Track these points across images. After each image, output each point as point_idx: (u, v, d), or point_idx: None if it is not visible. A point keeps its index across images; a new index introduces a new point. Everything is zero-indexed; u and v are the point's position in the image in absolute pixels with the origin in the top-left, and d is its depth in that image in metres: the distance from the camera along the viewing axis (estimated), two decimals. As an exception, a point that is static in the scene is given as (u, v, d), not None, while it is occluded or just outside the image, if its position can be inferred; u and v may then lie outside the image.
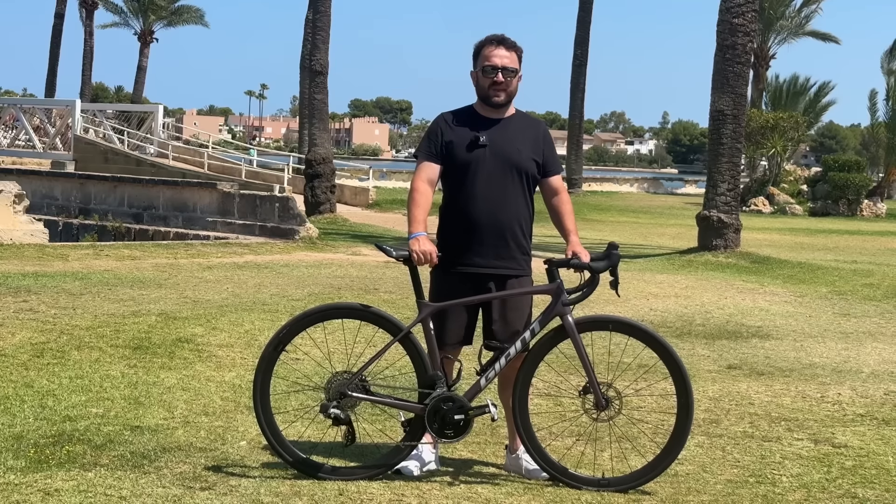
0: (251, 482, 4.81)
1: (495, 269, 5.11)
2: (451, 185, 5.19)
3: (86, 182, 24.64)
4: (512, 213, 5.13)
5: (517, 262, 5.16)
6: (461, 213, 5.13)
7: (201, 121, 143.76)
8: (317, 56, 26.17)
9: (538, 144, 5.22)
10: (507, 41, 5.18)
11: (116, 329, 8.46)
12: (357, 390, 4.97)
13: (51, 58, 55.88)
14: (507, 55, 5.14)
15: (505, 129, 5.18)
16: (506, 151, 5.13)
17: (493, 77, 5.11)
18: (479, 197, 5.10)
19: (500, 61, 5.12)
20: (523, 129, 5.23)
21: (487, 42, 5.18)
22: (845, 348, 9.16)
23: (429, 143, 5.20)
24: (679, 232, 24.28)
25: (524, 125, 5.25)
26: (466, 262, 5.10)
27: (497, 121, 5.19)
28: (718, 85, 17.62)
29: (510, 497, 4.80)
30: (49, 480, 4.70)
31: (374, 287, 11.98)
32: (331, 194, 26.18)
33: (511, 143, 5.15)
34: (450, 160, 5.16)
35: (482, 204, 5.10)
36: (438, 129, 5.22)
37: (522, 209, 5.17)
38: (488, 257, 5.11)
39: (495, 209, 5.10)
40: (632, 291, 12.01)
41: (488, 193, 5.10)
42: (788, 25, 48.97)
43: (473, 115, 5.22)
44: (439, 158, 5.17)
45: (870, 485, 5.22)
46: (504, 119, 5.21)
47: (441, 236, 5.21)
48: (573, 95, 40.89)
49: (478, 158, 5.12)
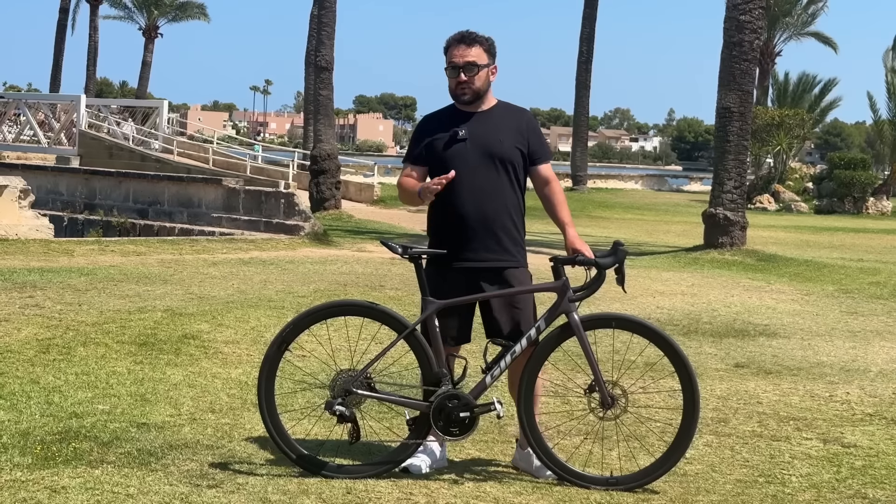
0: (259, 480, 4.79)
1: (487, 263, 5.09)
2: None
3: (91, 177, 24.64)
4: (499, 205, 5.10)
5: (510, 254, 5.12)
6: (449, 209, 5.10)
7: (206, 116, 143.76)
8: (322, 52, 26.13)
9: (522, 133, 5.18)
10: (467, 37, 5.14)
11: (122, 325, 8.44)
12: (362, 388, 4.95)
13: (55, 53, 55.89)
14: (468, 52, 5.11)
15: (485, 120, 5.16)
16: (487, 143, 5.10)
17: (457, 77, 5.10)
18: (464, 191, 5.07)
19: (462, 59, 5.10)
20: (505, 118, 5.19)
21: (450, 41, 5.18)
22: (853, 347, 9.13)
23: (411, 148, 5.26)
24: (685, 229, 24.24)
25: (506, 114, 5.21)
26: (459, 258, 5.08)
27: (476, 113, 5.17)
28: (725, 82, 17.58)
29: (519, 496, 4.78)
30: (56, 477, 4.68)
31: (379, 284, 11.96)
32: (336, 190, 26.17)
33: (492, 133, 5.12)
34: (433, 159, 5.15)
35: (468, 197, 5.07)
36: (420, 131, 5.26)
37: (511, 200, 5.14)
38: (479, 251, 5.08)
39: (481, 202, 5.07)
40: (638, 289, 11.98)
41: (473, 187, 5.07)
42: (794, 23, 48.90)
43: (453, 111, 5.21)
44: (422, 160, 5.18)
45: (880, 485, 5.20)
46: (484, 111, 5.18)
47: (431, 234, 5.20)
48: (578, 92, 40.85)
49: (458, 153, 5.10)
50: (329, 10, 26.02)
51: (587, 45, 39.96)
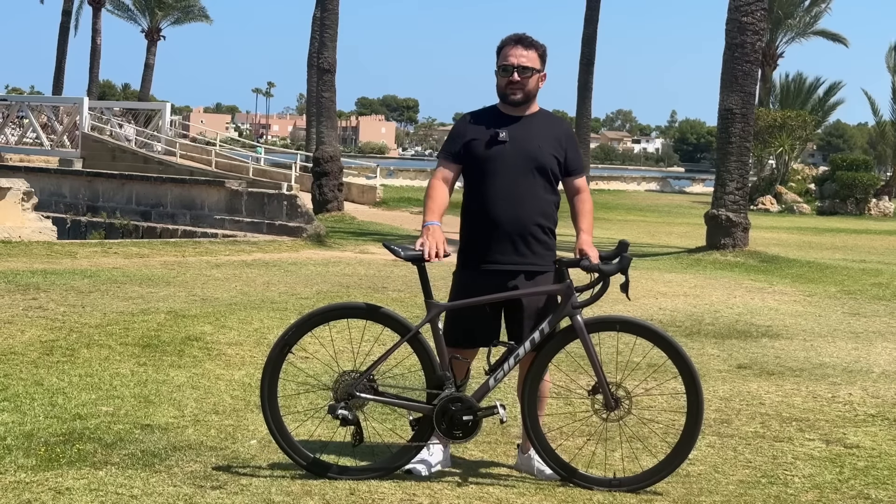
0: (262, 481, 4.80)
1: (516, 266, 5.08)
2: (471, 183, 5.17)
3: (94, 180, 24.68)
4: (533, 210, 5.10)
5: (541, 258, 5.12)
6: (482, 210, 5.11)
7: (208, 119, 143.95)
8: (325, 54, 26.16)
9: (560, 142, 5.19)
10: (525, 40, 5.17)
11: (125, 327, 8.46)
12: (365, 391, 4.95)
13: (58, 55, 55.87)
14: (524, 54, 5.13)
15: (527, 126, 5.16)
16: (526, 148, 5.11)
17: (509, 76, 5.11)
18: (499, 193, 5.08)
19: (517, 60, 5.11)
20: (546, 126, 5.20)
21: (507, 41, 5.18)
22: (855, 348, 9.13)
23: (449, 144, 5.22)
24: (687, 231, 24.24)
25: (547, 123, 5.23)
26: (489, 260, 5.08)
27: (518, 118, 5.17)
28: (727, 84, 17.58)
29: (522, 497, 4.78)
30: (60, 479, 4.69)
31: (382, 286, 11.97)
32: (338, 192, 26.19)
33: (532, 139, 5.13)
34: (470, 158, 5.14)
35: (502, 200, 5.08)
36: (459, 128, 5.23)
37: (545, 206, 5.14)
38: (509, 254, 5.08)
39: (516, 205, 5.07)
40: (641, 290, 11.98)
41: (509, 190, 5.08)
42: (797, 24, 48.88)
43: (496, 113, 5.21)
44: (458, 158, 5.16)
45: (882, 486, 5.20)
46: (526, 116, 5.19)
47: (463, 234, 5.19)
48: (580, 94, 40.73)
49: (498, 155, 5.10)
50: (331, 12, 26.05)
51: (589, 47, 39.87)
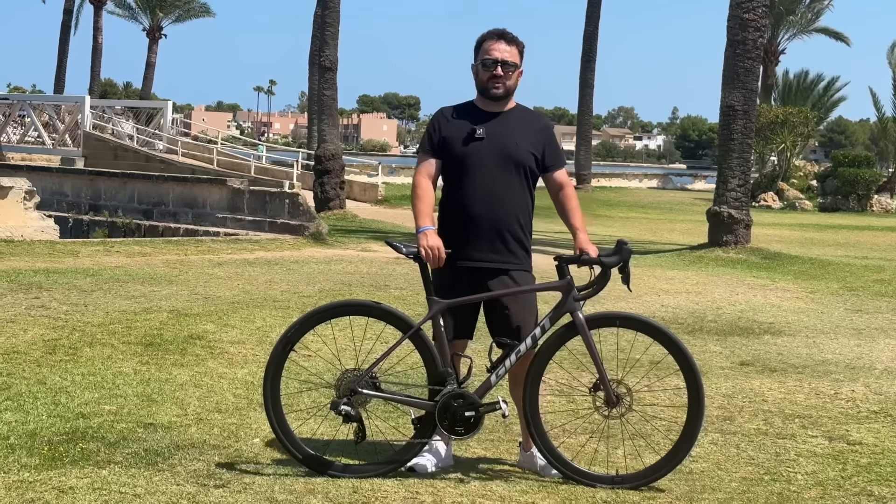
0: (265, 480, 4.81)
1: (492, 263, 5.09)
2: (449, 180, 5.18)
3: (96, 178, 24.70)
4: (510, 208, 5.11)
5: (515, 257, 5.13)
6: (459, 207, 5.11)
7: (210, 117, 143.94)
8: (326, 52, 26.14)
9: (538, 138, 5.18)
10: (507, 35, 5.17)
11: (128, 326, 8.47)
12: (367, 387, 4.96)
13: (59, 54, 55.93)
14: (507, 49, 5.13)
15: (504, 122, 5.16)
16: (503, 144, 5.11)
17: (493, 70, 5.10)
18: (476, 191, 5.08)
19: (500, 55, 5.11)
20: (523, 122, 5.20)
21: (488, 36, 5.18)
22: (858, 345, 9.13)
23: (427, 139, 5.21)
24: (689, 228, 24.22)
25: (524, 119, 5.22)
26: (463, 257, 5.08)
27: (496, 114, 5.17)
28: (729, 80, 17.57)
29: (525, 495, 4.78)
30: (63, 478, 4.70)
31: (384, 283, 11.97)
32: (340, 190, 26.17)
33: (509, 136, 5.12)
34: (448, 154, 5.14)
35: (480, 198, 5.08)
36: (436, 124, 5.22)
37: (521, 204, 5.15)
38: (485, 251, 5.08)
39: (493, 203, 5.08)
40: (643, 287, 11.98)
41: (486, 187, 5.08)
42: (798, 21, 48.83)
43: (473, 109, 5.20)
44: (437, 153, 5.16)
45: (885, 482, 5.20)
46: (503, 112, 5.18)
47: (440, 231, 5.19)
48: (582, 91, 40.86)
49: (475, 152, 5.10)
50: (333, 10, 26.03)
51: (590, 44, 39.94)
